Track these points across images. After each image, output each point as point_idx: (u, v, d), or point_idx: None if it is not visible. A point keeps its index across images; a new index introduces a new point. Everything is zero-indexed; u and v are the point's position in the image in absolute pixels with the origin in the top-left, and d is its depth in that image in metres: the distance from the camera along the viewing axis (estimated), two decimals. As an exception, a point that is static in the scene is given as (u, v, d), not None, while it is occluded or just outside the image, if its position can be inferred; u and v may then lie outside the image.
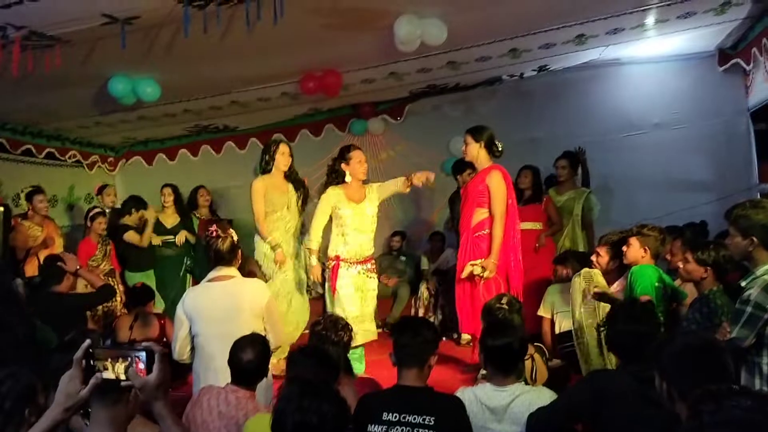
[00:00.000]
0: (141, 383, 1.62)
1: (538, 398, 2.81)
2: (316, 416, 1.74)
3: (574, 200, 5.95)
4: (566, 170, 6.06)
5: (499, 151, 4.83)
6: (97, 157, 8.02)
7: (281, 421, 1.77)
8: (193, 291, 3.81)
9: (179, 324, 3.69)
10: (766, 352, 2.82)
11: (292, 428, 1.75)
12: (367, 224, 4.91)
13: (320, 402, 1.77)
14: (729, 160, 6.54)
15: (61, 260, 4.51)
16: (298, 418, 1.74)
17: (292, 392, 1.84)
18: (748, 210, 2.88)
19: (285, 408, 1.78)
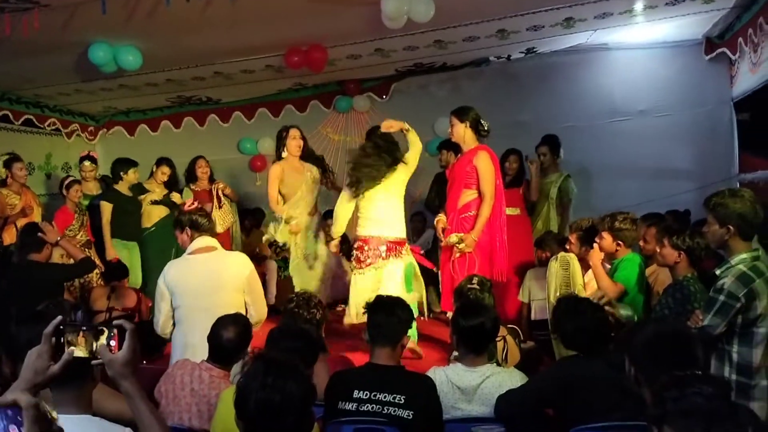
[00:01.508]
0: (108, 359, 1.60)
1: (508, 380, 2.83)
2: (279, 394, 1.71)
3: (552, 183, 5.96)
4: (547, 156, 6.07)
5: (485, 131, 4.82)
6: (77, 125, 7.92)
7: (244, 397, 1.74)
8: (176, 263, 3.75)
9: (161, 297, 3.63)
10: (736, 340, 2.86)
11: (255, 406, 1.72)
12: None
13: (285, 380, 1.74)
14: (711, 149, 6.56)
15: (40, 229, 4.46)
16: (261, 396, 1.71)
17: (257, 369, 1.81)
18: (726, 199, 2.89)
19: (248, 384, 1.75)
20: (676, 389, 1.56)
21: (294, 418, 1.73)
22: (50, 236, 4.43)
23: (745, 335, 2.84)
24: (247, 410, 1.73)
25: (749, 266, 2.83)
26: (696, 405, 1.50)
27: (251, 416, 1.73)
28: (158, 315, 3.67)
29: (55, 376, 1.50)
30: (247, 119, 7.99)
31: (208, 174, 6.60)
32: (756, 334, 2.82)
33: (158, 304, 3.67)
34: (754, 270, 2.82)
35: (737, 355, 2.85)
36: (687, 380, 1.58)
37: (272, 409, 1.71)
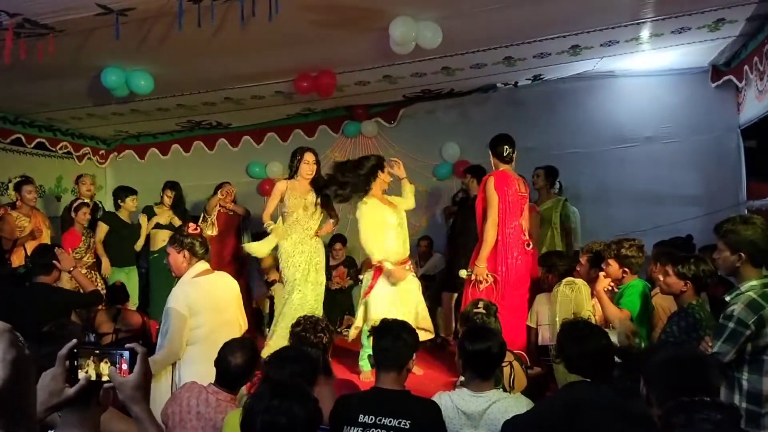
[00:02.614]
0: (119, 383, 1.60)
1: (514, 405, 2.80)
2: (285, 417, 1.72)
3: (552, 209, 6.00)
4: (540, 179, 6.10)
5: (505, 155, 4.86)
6: (89, 149, 8.01)
7: (250, 419, 1.75)
8: (189, 286, 3.73)
9: (181, 320, 3.58)
10: (746, 368, 2.83)
11: (260, 427, 1.73)
12: None
13: (291, 403, 1.75)
14: (718, 176, 6.56)
15: (54, 252, 4.49)
16: (266, 418, 1.72)
17: (263, 391, 1.82)
18: (738, 225, 2.88)
19: (254, 407, 1.76)
20: (684, 414, 1.55)
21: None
22: (65, 264, 4.44)
23: (755, 362, 2.81)
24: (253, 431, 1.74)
25: (759, 293, 2.81)
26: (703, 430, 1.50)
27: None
28: (176, 339, 3.57)
29: (70, 399, 1.51)
30: (256, 143, 8.06)
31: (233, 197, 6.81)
32: (766, 362, 2.79)
33: (176, 327, 3.58)
34: (764, 297, 2.80)
35: (747, 383, 2.82)
36: (695, 406, 1.57)
37: (278, 428, 1.71)
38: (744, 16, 4.89)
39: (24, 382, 1.24)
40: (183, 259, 3.77)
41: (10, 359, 1.20)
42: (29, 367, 1.27)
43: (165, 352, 3.58)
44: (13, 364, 1.20)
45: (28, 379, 1.27)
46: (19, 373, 1.22)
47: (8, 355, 1.20)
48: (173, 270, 3.84)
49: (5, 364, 1.19)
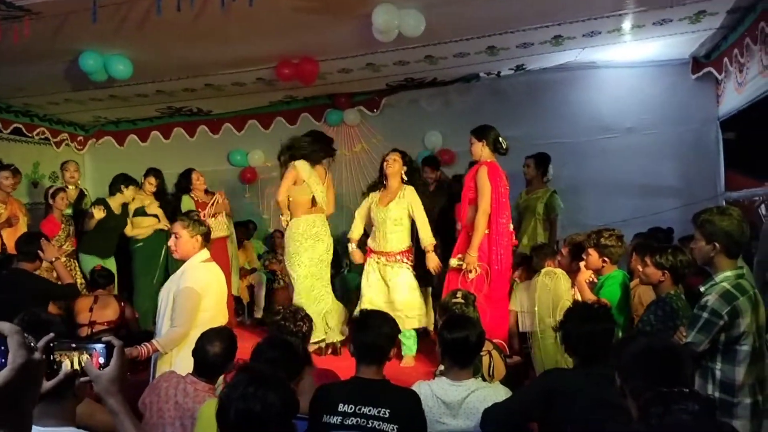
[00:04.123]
0: (95, 375, 1.59)
1: (493, 394, 2.82)
2: (259, 404, 1.71)
3: (538, 199, 6.00)
4: (531, 168, 6.11)
5: (504, 150, 4.86)
6: (67, 135, 7.90)
7: (225, 407, 1.74)
8: (202, 269, 3.74)
9: (198, 301, 3.59)
10: (719, 358, 2.86)
11: (235, 415, 1.72)
12: None
13: (266, 390, 1.74)
14: (697, 168, 6.63)
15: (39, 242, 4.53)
16: (241, 406, 1.71)
17: (239, 380, 1.81)
18: (714, 216, 2.90)
19: (230, 394, 1.76)
20: (662, 405, 1.56)
21: (274, 429, 1.72)
22: (48, 254, 4.50)
23: (729, 353, 2.84)
24: (227, 420, 1.73)
25: (733, 284, 2.84)
26: (681, 422, 1.51)
27: (232, 426, 1.72)
28: (191, 319, 3.55)
29: (48, 392, 1.50)
30: (237, 131, 8.00)
31: (205, 184, 6.54)
32: (739, 352, 2.82)
33: (193, 307, 3.57)
34: (738, 288, 2.83)
35: (720, 373, 2.86)
36: (673, 397, 1.59)
37: (252, 419, 1.71)
38: (725, 8, 4.93)
39: (29, 386, 1.23)
40: (195, 244, 3.74)
41: (20, 363, 1.18)
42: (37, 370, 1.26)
43: (180, 331, 3.53)
44: (23, 367, 1.19)
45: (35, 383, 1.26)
46: (26, 377, 1.21)
47: (18, 359, 1.19)
48: (177, 252, 3.77)
49: (14, 366, 1.17)
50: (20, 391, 1.20)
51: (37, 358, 1.25)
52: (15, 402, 1.20)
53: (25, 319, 2.72)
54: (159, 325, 3.73)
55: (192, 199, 6.31)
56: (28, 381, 1.22)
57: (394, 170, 5.16)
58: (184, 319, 3.54)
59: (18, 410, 1.21)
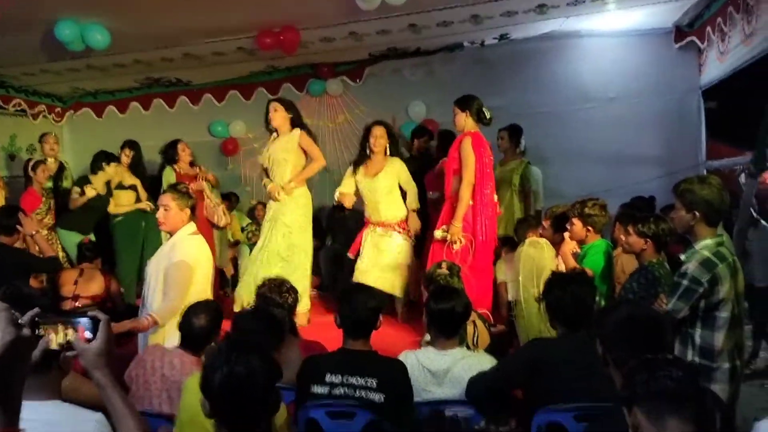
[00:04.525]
0: (82, 349, 1.59)
1: (478, 363, 2.87)
2: (244, 369, 1.71)
3: (513, 171, 6.02)
4: (504, 141, 6.11)
5: (488, 120, 4.84)
6: (44, 106, 7.74)
7: (209, 376, 1.74)
8: (192, 241, 3.72)
9: (191, 274, 3.57)
10: (699, 324, 2.92)
11: (220, 381, 1.71)
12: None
13: (249, 357, 1.74)
14: (679, 137, 6.68)
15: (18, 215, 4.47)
16: (225, 371, 1.71)
17: (221, 348, 1.81)
18: (694, 185, 2.93)
19: (213, 363, 1.75)
20: (647, 372, 1.60)
21: (259, 394, 1.73)
22: (27, 227, 4.44)
23: (708, 319, 2.90)
24: (212, 388, 1.73)
25: (713, 252, 2.88)
26: (665, 388, 1.55)
27: (216, 393, 1.73)
28: (184, 292, 3.51)
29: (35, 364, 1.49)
30: (218, 102, 7.89)
31: (191, 156, 6.44)
32: (718, 318, 2.88)
33: (186, 280, 3.55)
34: (717, 255, 2.88)
35: (700, 339, 2.92)
36: (657, 363, 1.62)
37: (237, 384, 1.71)
38: (708, -24, 4.93)
39: (17, 363, 1.23)
40: (184, 216, 3.71)
41: (9, 340, 1.18)
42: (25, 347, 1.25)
43: (174, 304, 3.49)
44: (11, 344, 1.18)
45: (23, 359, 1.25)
46: (14, 354, 1.20)
47: (6, 336, 1.18)
48: (166, 225, 3.72)
49: (3, 344, 1.17)
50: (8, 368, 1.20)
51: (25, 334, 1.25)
52: (3, 379, 1.19)
53: (7, 293, 2.70)
54: (149, 300, 3.69)
55: (174, 170, 6.24)
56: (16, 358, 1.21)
57: (381, 147, 5.19)
58: (177, 292, 3.52)
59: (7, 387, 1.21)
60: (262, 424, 1.80)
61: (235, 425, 1.74)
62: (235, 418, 1.74)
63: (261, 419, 1.78)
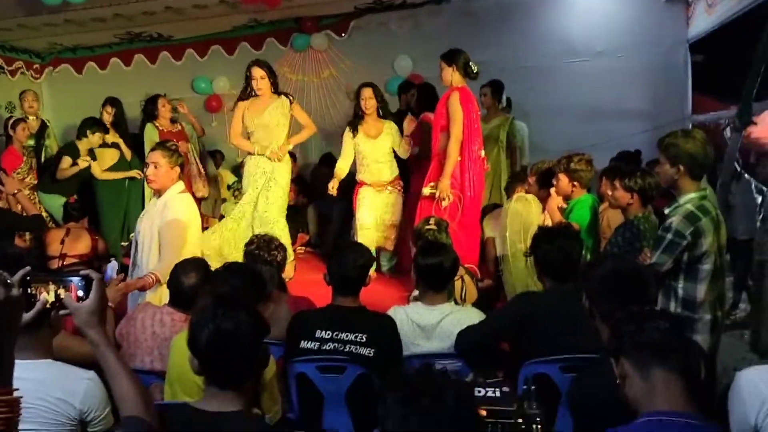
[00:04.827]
0: (75, 308, 1.60)
1: (466, 317, 2.91)
2: (230, 323, 1.71)
3: (499, 127, 6.00)
4: (488, 97, 6.07)
5: (475, 74, 4.78)
6: (22, 63, 7.58)
7: (196, 332, 1.73)
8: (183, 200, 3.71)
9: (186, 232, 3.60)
10: (682, 276, 2.96)
11: (207, 338, 1.71)
12: None
13: (235, 311, 1.74)
14: (665, 91, 6.67)
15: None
16: (212, 327, 1.70)
17: (207, 305, 1.80)
18: (678, 139, 2.94)
19: (199, 320, 1.75)
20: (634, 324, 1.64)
21: (246, 350, 1.74)
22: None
23: (691, 271, 2.94)
24: (199, 344, 1.73)
25: (696, 205, 2.91)
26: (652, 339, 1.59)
27: (204, 350, 1.73)
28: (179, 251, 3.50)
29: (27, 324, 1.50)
30: (200, 57, 7.74)
31: (170, 114, 6.33)
32: (701, 271, 2.93)
33: (182, 239, 3.56)
34: (701, 209, 2.90)
35: (682, 291, 2.96)
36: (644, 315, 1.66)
37: (224, 341, 1.71)
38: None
39: (9, 323, 1.22)
40: (174, 175, 3.67)
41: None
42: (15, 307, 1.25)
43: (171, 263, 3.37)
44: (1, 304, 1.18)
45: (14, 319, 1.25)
46: (4, 313, 1.20)
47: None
48: (156, 182, 3.67)
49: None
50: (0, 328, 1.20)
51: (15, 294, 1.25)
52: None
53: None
54: (144, 259, 3.68)
55: (156, 128, 6.15)
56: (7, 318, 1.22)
57: (372, 108, 5.21)
58: (174, 250, 3.51)
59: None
60: (250, 379, 1.81)
61: (224, 381, 1.74)
62: (224, 375, 1.75)
63: (249, 375, 1.79)
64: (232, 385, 1.74)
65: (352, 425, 2.67)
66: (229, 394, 1.74)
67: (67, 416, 1.95)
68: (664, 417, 1.52)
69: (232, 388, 1.74)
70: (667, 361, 1.57)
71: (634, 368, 1.61)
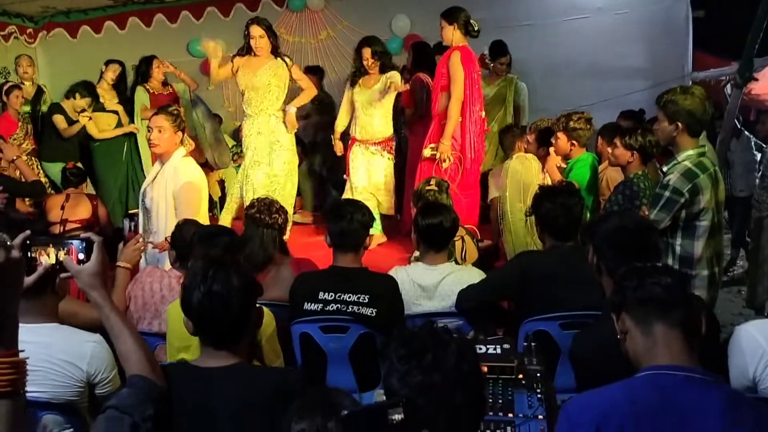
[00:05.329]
0: (76, 270, 1.63)
1: (467, 276, 2.94)
2: (221, 285, 1.73)
3: (506, 88, 5.97)
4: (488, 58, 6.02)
5: (476, 32, 4.71)
6: (15, 27, 7.45)
7: (188, 296, 1.75)
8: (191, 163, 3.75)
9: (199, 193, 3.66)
10: (680, 233, 2.99)
11: (199, 300, 1.73)
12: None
13: (226, 272, 1.76)
14: (665, 48, 6.58)
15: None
16: (204, 289, 1.72)
17: (197, 267, 1.82)
18: (677, 95, 2.93)
19: (191, 282, 1.76)
20: (636, 279, 1.65)
21: (238, 311, 1.76)
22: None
23: (688, 228, 2.96)
24: (191, 306, 1.75)
25: (695, 162, 2.92)
26: (654, 294, 1.60)
27: (196, 312, 1.76)
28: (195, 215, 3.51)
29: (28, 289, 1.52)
30: (196, 19, 7.62)
31: (163, 77, 6.26)
32: (698, 227, 2.95)
33: (198, 201, 3.62)
34: (699, 166, 2.91)
35: (680, 248, 2.99)
36: (646, 271, 1.67)
37: (215, 301, 1.73)
38: None
39: (10, 285, 1.24)
40: (177, 139, 3.67)
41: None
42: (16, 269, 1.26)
43: None
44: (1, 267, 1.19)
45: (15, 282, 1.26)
46: (5, 276, 1.21)
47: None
48: (160, 147, 3.68)
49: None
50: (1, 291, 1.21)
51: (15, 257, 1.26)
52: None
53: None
54: (161, 225, 3.68)
55: (147, 91, 6.09)
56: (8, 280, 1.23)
57: (375, 68, 5.05)
58: (191, 212, 3.53)
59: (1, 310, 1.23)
60: (245, 339, 1.84)
61: (217, 342, 1.78)
62: (217, 335, 1.78)
63: (242, 335, 1.81)
64: (226, 345, 1.78)
65: (356, 383, 2.71)
66: (224, 352, 1.78)
67: (75, 378, 1.99)
68: (664, 371, 1.53)
69: (226, 348, 1.78)
70: (668, 316, 1.57)
71: (636, 323, 1.62)
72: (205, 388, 1.73)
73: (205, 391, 1.73)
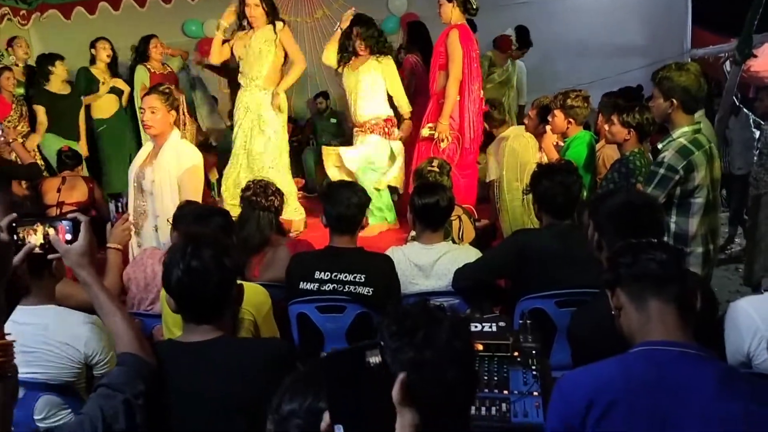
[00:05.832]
0: (65, 250, 1.63)
1: (464, 255, 2.94)
2: (199, 261, 1.72)
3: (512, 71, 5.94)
4: None
5: (474, 9, 4.63)
6: (8, 9, 7.38)
7: (168, 273, 1.76)
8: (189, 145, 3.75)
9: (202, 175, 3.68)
10: (675, 211, 2.98)
11: (178, 278, 1.73)
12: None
13: (204, 249, 1.75)
14: (664, 25, 6.56)
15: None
16: (183, 267, 1.72)
17: (176, 245, 1.82)
18: (672, 72, 2.91)
19: (171, 259, 1.76)
20: (631, 255, 1.64)
21: (215, 287, 1.75)
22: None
23: (683, 206, 2.95)
24: (171, 283, 1.76)
25: (690, 139, 2.90)
26: (649, 270, 1.59)
27: (175, 289, 1.76)
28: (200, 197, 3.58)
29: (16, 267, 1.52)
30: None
31: (163, 54, 6.20)
32: (693, 204, 2.94)
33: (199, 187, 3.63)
34: (694, 143, 2.89)
35: (675, 225, 2.98)
36: (641, 247, 1.66)
37: (193, 277, 1.73)
38: None
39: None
40: (170, 119, 3.60)
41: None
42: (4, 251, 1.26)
43: None
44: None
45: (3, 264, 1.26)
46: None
47: None
48: (154, 128, 3.59)
49: None
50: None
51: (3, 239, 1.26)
52: None
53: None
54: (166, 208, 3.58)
55: (147, 70, 6.04)
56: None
57: (365, 51, 4.85)
58: (197, 196, 3.53)
59: None
60: (226, 313, 1.84)
61: (198, 318, 1.78)
62: (197, 312, 1.78)
63: (223, 310, 1.81)
64: (207, 321, 1.78)
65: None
66: (206, 326, 1.78)
67: (73, 360, 2.01)
68: (659, 346, 1.53)
69: (207, 323, 1.78)
70: (663, 291, 1.57)
71: (630, 299, 1.61)
72: (192, 362, 1.75)
73: (192, 366, 1.74)
